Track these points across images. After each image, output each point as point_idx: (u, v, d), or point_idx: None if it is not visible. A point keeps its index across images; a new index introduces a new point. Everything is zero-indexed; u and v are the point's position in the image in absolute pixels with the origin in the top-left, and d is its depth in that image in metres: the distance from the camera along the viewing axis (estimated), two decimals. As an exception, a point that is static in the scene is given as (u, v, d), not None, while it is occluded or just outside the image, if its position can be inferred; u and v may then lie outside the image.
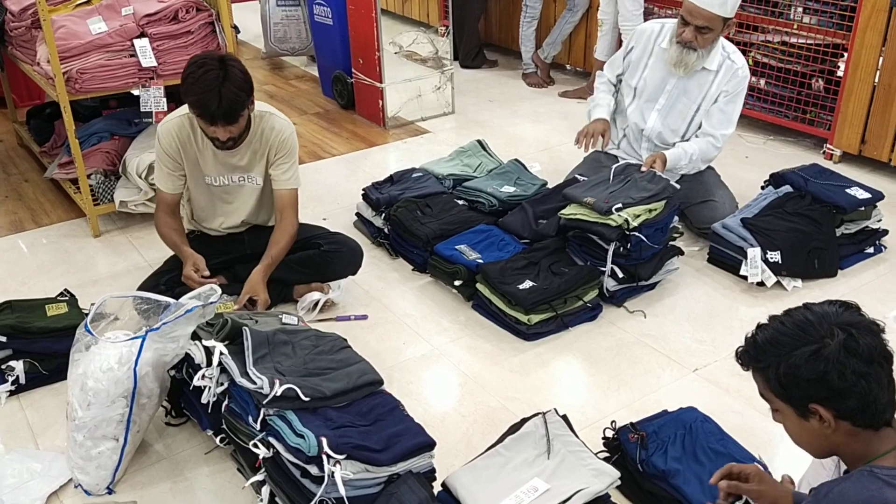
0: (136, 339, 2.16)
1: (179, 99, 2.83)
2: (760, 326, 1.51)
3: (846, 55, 4.08)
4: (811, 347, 1.40)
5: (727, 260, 3.21)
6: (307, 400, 1.97)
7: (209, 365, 2.14)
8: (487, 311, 2.96)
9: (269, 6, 6.04)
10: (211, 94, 2.54)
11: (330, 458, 1.83)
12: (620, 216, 2.85)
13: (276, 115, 2.89)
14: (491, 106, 5.27)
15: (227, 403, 2.16)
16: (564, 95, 5.43)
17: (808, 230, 3.13)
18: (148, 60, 3.37)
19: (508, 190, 3.50)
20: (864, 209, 3.25)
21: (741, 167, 4.20)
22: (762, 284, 3.07)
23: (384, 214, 3.41)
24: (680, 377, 2.67)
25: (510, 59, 6.14)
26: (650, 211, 2.93)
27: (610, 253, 2.91)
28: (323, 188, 4.09)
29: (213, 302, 2.28)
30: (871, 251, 3.33)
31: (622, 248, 2.91)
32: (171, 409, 2.45)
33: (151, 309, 2.35)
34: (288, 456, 1.90)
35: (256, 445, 1.99)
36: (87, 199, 3.56)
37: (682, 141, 3.44)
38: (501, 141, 4.54)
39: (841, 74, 4.18)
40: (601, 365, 2.73)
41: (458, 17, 5.74)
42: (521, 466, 2.00)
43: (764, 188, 3.45)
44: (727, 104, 3.36)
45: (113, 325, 2.35)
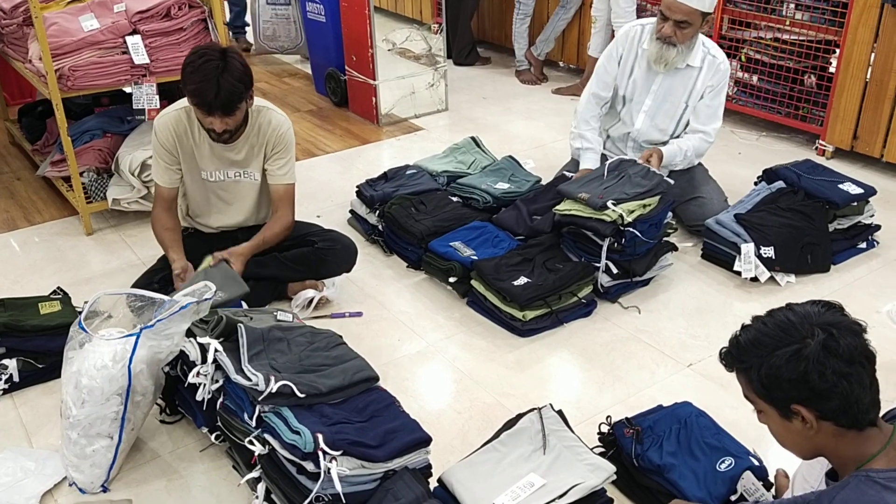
0: (130, 336, 2.15)
1: (172, 96, 2.83)
2: (744, 327, 1.51)
3: (838, 51, 4.09)
4: (792, 348, 1.40)
5: (721, 255, 3.21)
6: (303, 396, 1.97)
7: (204, 362, 2.14)
8: (482, 307, 2.96)
9: (258, 3, 6.01)
10: (209, 83, 2.55)
11: (326, 454, 1.83)
12: (615, 211, 2.85)
13: (273, 109, 2.89)
14: (484, 103, 5.27)
15: (222, 400, 2.15)
16: (558, 92, 5.44)
17: (801, 225, 3.14)
18: (140, 57, 3.36)
19: (503, 186, 3.50)
20: (856, 204, 3.27)
21: (734, 163, 4.21)
22: (756, 280, 3.08)
23: (378, 211, 3.41)
24: (675, 372, 2.67)
25: (503, 56, 6.14)
26: (644, 206, 2.94)
27: (604, 249, 2.92)
28: (317, 185, 4.08)
29: (207, 299, 2.28)
30: (863, 246, 3.34)
31: (617, 243, 2.91)
32: (165, 406, 2.45)
33: (145, 306, 2.34)
34: (284, 453, 1.90)
35: (252, 442, 1.99)
36: (79, 197, 3.55)
37: (670, 140, 3.45)
38: (495, 138, 4.54)
39: (833, 71, 4.19)
40: (596, 360, 2.73)
41: (451, 14, 5.74)
42: (517, 462, 2.00)
43: (757, 184, 3.46)
44: (712, 99, 3.38)
45: (107, 322, 2.34)
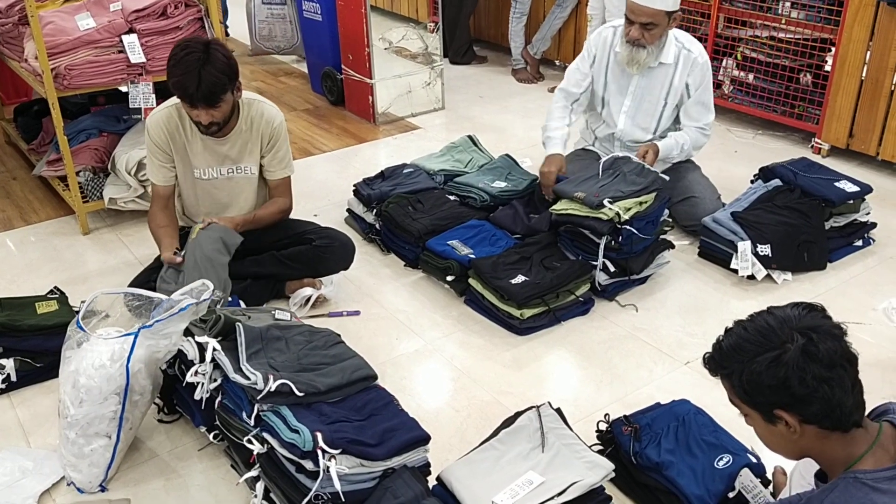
0: (128, 335, 2.15)
1: (168, 95, 2.82)
2: (727, 331, 1.50)
3: (834, 50, 4.10)
4: (772, 354, 1.40)
5: (718, 254, 3.22)
6: (301, 395, 1.97)
7: (202, 361, 2.14)
8: (480, 305, 2.96)
9: (253, 3, 5.99)
10: (190, 75, 2.56)
11: (325, 452, 1.83)
12: (611, 209, 2.86)
13: (264, 102, 2.90)
14: (481, 102, 5.27)
15: (220, 400, 2.15)
16: (554, 91, 5.43)
17: (797, 223, 3.15)
18: (137, 56, 3.35)
19: (500, 185, 3.51)
20: (852, 202, 3.28)
21: (731, 161, 4.22)
22: (753, 278, 3.09)
23: (375, 210, 3.41)
24: (672, 370, 2.68)
25: (500, 54, 6.14)
26: (641, 204, 2.94)
27: (601, 247, 2.92)
28: (313, 185, 4.08)
29: (205, 299, 2.27)
30: (859, 244, 3.35)
31: (614, 241, 2.91)
32: (163, 405, 2.44)
33: (143, 305, 2.33)
34: (282, 451, 1.90)
35: (251, 441, 1.99)
36: (75, 196, 3.54)
37: (654, 138, 3.45)
38: (492, 136, 4.54)
39: (829, 69, 4.20)
40: (594, 359, 2.74)
41: (450, 13, 5.74)
42: (515, 460, 2.00)
43: (753, 182, 3.47)
44: (700, 95, 3.36)
45: (104, 321, 2.34)
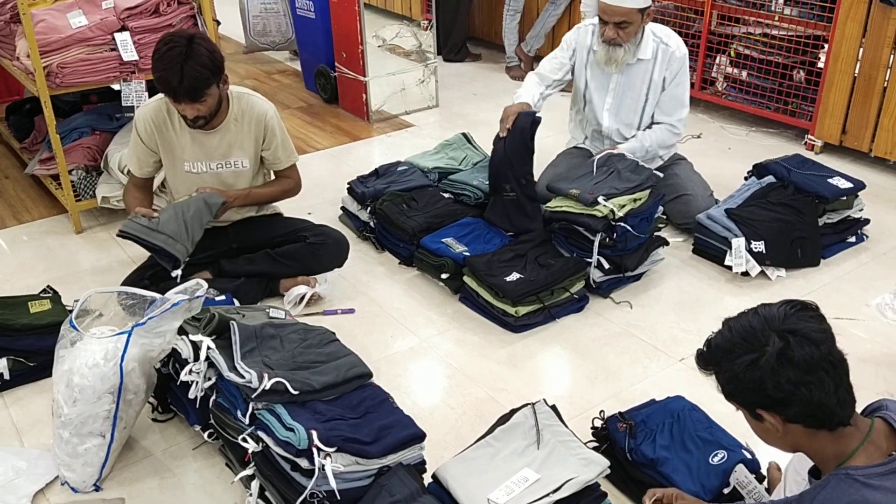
0: (121, 334, 2.14)
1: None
2: (719, 329, 1.51)
3: (827, 46, 4.11)
4: (750, 357, 1.41)
5: (712, 250, 3.23)
6: (296, 393, 1.96)
7: (196, 360, 2.13)
8: (475, 303, 2.96)
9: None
10: (172, 70, 2.55)
11: (320, 450, 1.83)
12: (606, 206, 2.86)
13: (254, 96, 2.89)
14: (475, 99, 5.27)
15: (215, 398, 2.15)
16: None
17: (791, 220, 3.15)
18: (129, 54, 3.34)
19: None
20: (845, 199, 3.29)
21: (724, 158, 4.22)
22: (747, 274, 3.09)
23: (370, 208, 3.40)
24: (667, 366, 2.68)
25: (493, 52, 6.14)
26: (635, 201, 2.94)
27: (596, 244, 2.92)
28: (308, 182, 4.01)
29: (199, 296, 2.27)
30: (853, 240, 3.36)
31: (608, 238, 2.92)
32: (157, 404, 2.44)
33: (137, 304, 2.33)
34: (278, 450, 1.89)
35: (245, 440, 1.99)
36: (68, 195, 3.53)
37: (638, 132, 3.45)
38: (486, 134, 4.49)
39: (822, 66, 4.21)
40: (589, 355, 2.74)
41: (445, 11, 5.73)
42: (511, 457, 2.00)
43: (747, 179, 3.48)
44: (674, 88, 3.35)
45: (98, 320, 2.33)
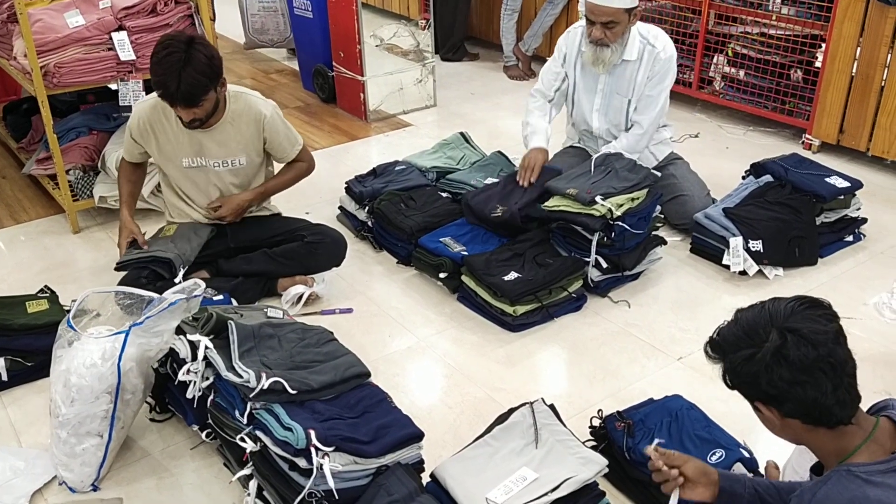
0: (119, 334, 2.14)
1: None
2: (731, 318, 1.51)
3: (824, 46, 4.11)
4: (748, 351, 1.42)
5: (710, 249, 3.23)
6: (294, 393, 1.96)
7: (194, 359, 2.13)
8: (473, 302, 2.96)
9: (245, -4, 5.96)
10: (170, 76, 2.55)
11: (318, 450, 1.82)
12: (604, 206, 2.86)
13: (252, 95, 2.89)
14: (473, 99, 5.27)
15: (212, 398, 2.14)
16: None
17: (788, 219, 3.16)
18: (126, 54, 3.33)
19: (492, 182, 3.50)
20: (843, 198, 3.29)
21: (722, 158, 4.23)
22: (744, 273, 3.09)
23: (367, 207, 3.40)
24: (665, 366, 2.68)
25: (491, 51, 6.13)
26: (633, 200, 2.95)
27: (594, 243, 2.92)
28: (305, 182, 4.00)
29: (197, 296, 2.27)
30: (850, 239, 3.36)
31: (606, 237, 2.92)
32: (155, 404, 2.43)
33: (134, 304, 2.33)
34: (276, 449, 1.89)
35: (243, 439, 1.99)
36: (65, 195, 3.52)
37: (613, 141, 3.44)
38: (484, 133, 4.53)
39: (819, 65, 4.21)
40: (587, 355, 2.74)
41: (443, 10, 5.72)
42: (509, 456, 2.00)
43: (745, 178, 3.48)
44: (653, 87, 3.33)
45: (95, 320, 2.33)
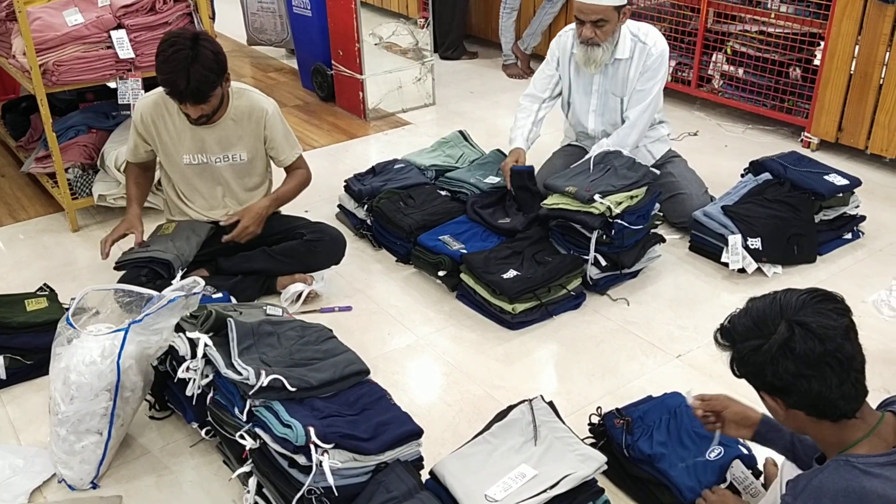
0: (118, 331, 2.14)
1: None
2: (744, 306, 1.53)
3: (823, 44, 4.12)
4: (756, 342, 1.43)
5: (708, 247, 3.23)
6: (293, 390, 1.96)
7: (194, 357, 2.13)
8: (472, 300, 2.96)
9: (246, -6, 5.97)
10: (179, 74, 2.55)
11: (318, 447, 1.82)
12: (603, 203, 2.86)
13: (254, 92, 2.90)
14: (472, 97, 5.27)
15: (212, 395, 2.14)
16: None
17: (787, 217, 3.16)
18: (125, 52, 3.33)
19: (491, 180, 3.50)
20: (841, 196, 3.29)
21: (721, 156, 4.23)
22: (743, 271, 3.10)
23: (367, 206, 3.40)
24: (664, 363, 2.69)
25: (490, 50, 6.14)
26: (632, 198, 2.95)
27: (593, 241, 2.93)
28: (304, 180, 4.06)
29: (196, 293, 2.27)
30: (849, 237, 3.37)
31: (605, 235, 2.92)
32: (154, 402, 2.44)
33: (133, 301, 2.33)
34: (275, 446, 1.89)
35: (243, 437, 1.99)
36: (64, 193, 3.52)
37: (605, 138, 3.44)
38: (483, 132, 4.53)
39: (818, 63, 4.22)
40: (585, 352, 2.74)
41: (441, 9, 5.72)
42: (508, 453, 2.00)
43: (743, 176, 3.48)
44: (644, 82, 3.32)
45: (95, 318, 2.33)
